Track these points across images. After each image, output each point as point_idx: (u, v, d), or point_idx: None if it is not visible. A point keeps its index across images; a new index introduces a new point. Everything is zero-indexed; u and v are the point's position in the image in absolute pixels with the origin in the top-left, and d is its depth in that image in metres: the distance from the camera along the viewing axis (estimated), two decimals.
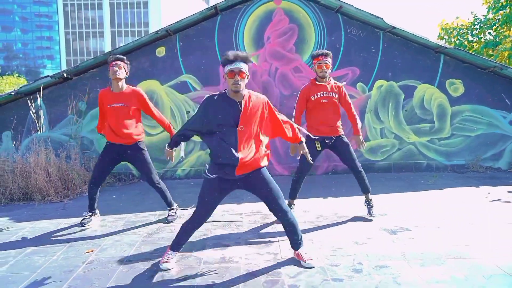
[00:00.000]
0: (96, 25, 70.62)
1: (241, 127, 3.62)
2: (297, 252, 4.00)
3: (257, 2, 7.95)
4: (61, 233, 5.04)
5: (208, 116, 3.67)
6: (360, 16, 7.74)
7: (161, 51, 7.94)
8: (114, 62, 5.07)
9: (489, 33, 16.12)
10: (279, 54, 8.03)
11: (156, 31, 7.63)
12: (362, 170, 5.22)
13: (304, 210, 5.74)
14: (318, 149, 5.14)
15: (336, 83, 5.24)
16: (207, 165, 3.87)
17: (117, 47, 8.16)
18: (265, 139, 3.99)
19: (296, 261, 3.98)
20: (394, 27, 7.60)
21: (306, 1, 7.96)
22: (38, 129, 7.32)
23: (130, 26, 69.46)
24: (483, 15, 16.26)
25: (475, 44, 16.24)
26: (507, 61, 13.25)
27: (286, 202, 4.98)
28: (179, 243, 3.99)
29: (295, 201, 5.61)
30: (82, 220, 5.31)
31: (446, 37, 16.87)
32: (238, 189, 3.91)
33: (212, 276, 3.69)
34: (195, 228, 3.96)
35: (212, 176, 3.75)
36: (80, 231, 5.10)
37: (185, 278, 3.67)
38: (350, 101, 5.30)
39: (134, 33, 68.88)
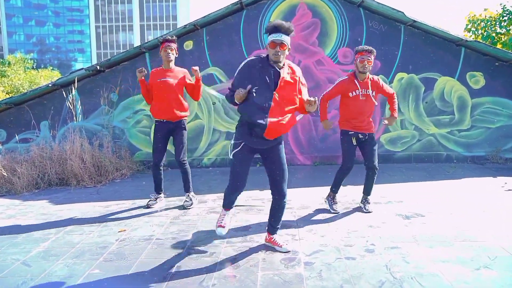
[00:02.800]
0: (126, 19, 71.80)
1: (276, 94, 3.70)
2: (271, 237, 4.16)
3: None
4: (96, 214, 5.45)
5: (250, 77, 3.74)
6: (382, 10, 7.91)
7: (188, 45, 8.29)
8: (166, 43, 5.42)
9: None
10: (302, 47, 8.28)
11: (184, 25, 7.98)
12: (377, 170, 5.31)
13: (323, 196, 6.00)
14: (354, 144, 5.20)
15: (373, 78, 5.19)
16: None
17: (146, 41, 8.56)
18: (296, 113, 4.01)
19: (312, 241, 4.28)
20: (414, 21, 7.75)
21: None
22: (75, 118, 7.79)
23: (158, 19, 70.40)
24: None
25: (503, 36, 16.09)
26: None
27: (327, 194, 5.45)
28: (229, 202, 4.13)
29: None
30: (148, 201, 5.71)
31: (473, 29, 16.76)
32: (256, 154, 4.01)
33: (234, 253, 4.02)
34: (233, 193, 4.04)
35: (238, 142, 3.89)
36: (112, 212, 5.50)
37: (211, 254, 4.01)
38: (390, 90, 5.30)
39: (162, 26, 69.79)
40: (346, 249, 4.08)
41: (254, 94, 3.70)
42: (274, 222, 4.14)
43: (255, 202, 5.79)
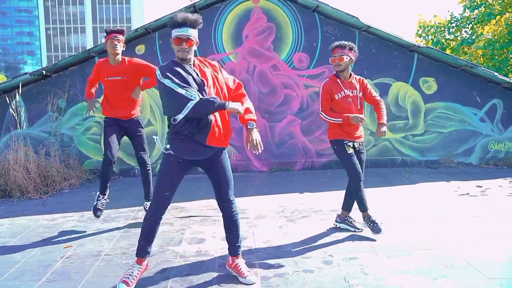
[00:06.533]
0: (78, 21, 69.89)
1: (206, 88, 3.27)
2: (235, 262, 3.64)
3: (235, 0, 8.07)
4: (40, 229, 5.10)
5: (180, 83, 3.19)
6: (336, 15, 7.91)
7: (140, 49, 8.01)
8: (113, 34, 4.88)
9: (465, 31, 16.47)
10: (257, 52, 8.16)
11: (135, 29, 7.72)
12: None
13: (280, 205, 5.89)
14: (348, 152, 4.51)
15: (357, 77, 4.62)
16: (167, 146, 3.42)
17: (98, 43, 8.24)
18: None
19: (268, 253, 4.14)
20: (369, 26, 7.79)
21: (284, 0, 8.10)
22: (18, 126, 7.36)
23: (112, 22, 68.76)
24: (460, 14, 16.60)
25: (452, 41, 16.56)
26: (481, 59, 13.57)
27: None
28: (144, 246, 3.54)
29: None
30: (97, 206, 5.08)
31: (423, 34, 17.16)
32: (195, 166, 3.56)
33: (187, 269, 3.82)
34: (158, 222, 3.51)
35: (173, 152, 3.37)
36: (59, 226, 5.17)
37: (162, 271, 3.79)
38: (376, 96, 4.67)
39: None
40: (303, 261, 3.96)
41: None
42: (233, 240, 3.65)
43: (210, 213, 5.59)
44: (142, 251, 3.53)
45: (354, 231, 4.74)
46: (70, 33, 71.10)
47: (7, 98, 7.44)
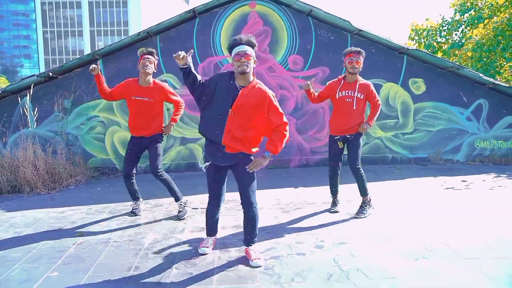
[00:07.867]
0: (75, 24, 70.00)
1: (231, 112, 3.67)
2: (246, 248, 4.08)
3: (233, 5, 8.43)
4: (51, 220, 5.44)
5: (211, 87, 3.73)
6: (329, 19, 8.28)
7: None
8: (146, 56, 5.15)
9: (456, 34, 16.89)
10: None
11: (138, 33, 8.06)
12: (359, 172, 5.28)
13: (276, 198, 6.24)
14: (340, 147, 5.27)
15: (364, 82, 5.17)
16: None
17: (100, 47, 8.58)
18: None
19: (265, 240, 4.50)
20: (360, 30, 8.16)
21: (279, 5, 8.47)
22: (29, 125, 7.69)
23: (109, 25, 68.97)
24: (451, 17, 17.02)
25: (443, 44, 16.98)
26: (470, 61, 13.99)
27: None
28: (210, 228, 4.30)
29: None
30: (132, 209, 5.63)
31: (416, 37, 17.57)
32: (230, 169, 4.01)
33: (191, 253, 4.18)
34: (214, 211, 4.20)
35: (206, 164, 3.97)
36: (68, 218, 5.51)
37: (168, 255, 4.15)
38: (377, 100, 5.20)
39: (113, 32, 68.47)
40: (297, 245, 4.32)
41: (212, 109, 3.72)
42: (246, 234, 4.08)
43: None
44: (209, 232, 4.34)
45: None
46: (67, 37, 71.14)
47: (19, 98, 7.78)
